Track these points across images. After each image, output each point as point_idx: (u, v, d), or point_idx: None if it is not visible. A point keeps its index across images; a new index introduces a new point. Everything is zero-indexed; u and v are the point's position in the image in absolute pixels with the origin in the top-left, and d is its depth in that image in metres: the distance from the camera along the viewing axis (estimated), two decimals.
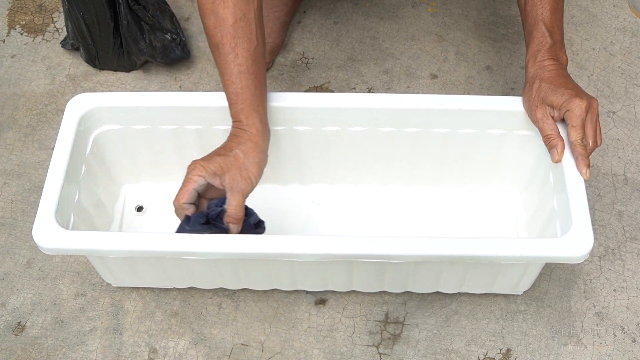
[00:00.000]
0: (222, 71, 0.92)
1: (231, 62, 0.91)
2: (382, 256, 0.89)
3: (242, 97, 0.92)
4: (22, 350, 1.02)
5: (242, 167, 0.90)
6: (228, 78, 0.92)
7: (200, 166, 0.89)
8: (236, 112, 0.92)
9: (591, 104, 0.92)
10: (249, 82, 0.92)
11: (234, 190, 0.89)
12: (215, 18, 0.91)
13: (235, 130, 0.93)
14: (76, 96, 1.01)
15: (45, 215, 0.90)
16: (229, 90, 0.92)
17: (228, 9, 0.90)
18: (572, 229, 0.88)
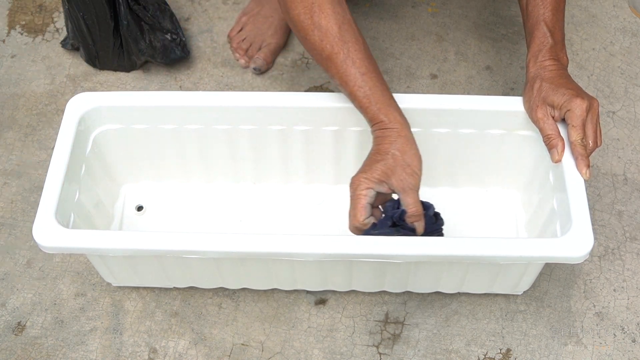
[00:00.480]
0: (344, 80, 0.90)
1: (350, 67, 0.90)
2: (382, 256, 0.89)
3: (374, 97, 0.90)
4: (22, 350, 1.02)
5: (404, 164, 0.88)
6: (353, 84, 0.90)
7: (364, 179, 0.88)
8: (374, 114, 0.90)
9: (592, 105, 0.92)
10: (374, 81, 0.90)
11: (406, 190, 0.88)
12: (319, 31, 0.89)
13: (379, 132, 0.90)
14: (76, 96, 1.01)
15: (45, 214, 0.90)
16: (358, 96, 0.90)
17: (329, 18, 0.89)
18: (572, 229, 0.88)
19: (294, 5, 0.89)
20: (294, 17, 0.90)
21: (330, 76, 0.93)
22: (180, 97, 1.02)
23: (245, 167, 1.10)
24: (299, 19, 0.90)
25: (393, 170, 0.88)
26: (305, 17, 0.89)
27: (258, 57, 1.28)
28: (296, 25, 0.90)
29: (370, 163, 0.89)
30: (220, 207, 1.12)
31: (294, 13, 0.90)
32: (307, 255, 0.89)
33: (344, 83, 0.91)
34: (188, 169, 1.11)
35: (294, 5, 0.89)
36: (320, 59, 0.91)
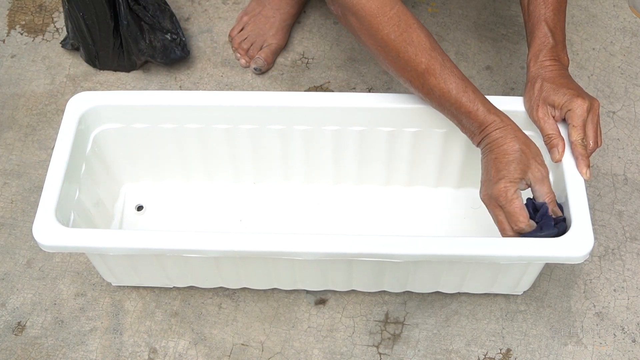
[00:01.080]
0: (446, 90, 0.89)
1: (449, 76, 0.89)
2: (382, 255, 0.89)
3: (479, 100, 0.90)
4: (22, 350, 1.02)
5: (533, 155, 0.89)
6: (457, 92, 0.89)
7: (509, 184, 0.87)
8: (485, 117, 0.89)
9: (592, 105, 0.92)
10: (471, 85, 0.91)
11: (543, 180, 0.89)
12: (412, 46, 0.88)
13: (496, 132, 0.89)
14: (76, 95, 1.01)
15: (45, 212, 0.90)
16: (464, 102, 0.89)
17: (419, 31, 0.89)
18: (573, 229, 0.88)
19: (381, 27, 0.87)
20: (383, 37, 0.88)
21: (424, 91, 0.91)
22: (180, 97, 1.02)
23: (245, 166, 1.10)
24: (390, 38, 0.88)
25: (528, 165, 0.88)
26: (396, 35, 0.88)
27: (259, 57, 1.28)
28: (387, 45, 0.88)
29: (502, 167, 0.88)
30: (220, 206, 1.12)
31: (383, 33, 0.88)
32: (307, 255, 0.89)
33: (446, 94, 0.89)
34: (188, 169, 1.11)
35: (381, 26, 0.87)
36: (415, 74, 0.89)
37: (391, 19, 0.87)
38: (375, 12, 0.87)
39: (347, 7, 0.88)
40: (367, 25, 0.88)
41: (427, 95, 0.91)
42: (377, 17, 0.87)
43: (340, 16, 0.91)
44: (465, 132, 0.93)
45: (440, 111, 0.93)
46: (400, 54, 0.88)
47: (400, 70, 0.90)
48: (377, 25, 0.87)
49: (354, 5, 0.87)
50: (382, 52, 0.89)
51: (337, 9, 0.90)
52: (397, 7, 0.88)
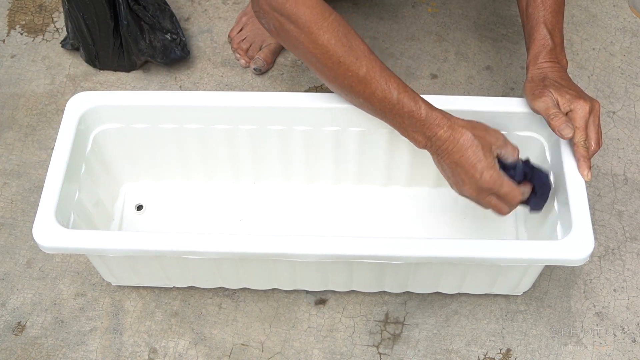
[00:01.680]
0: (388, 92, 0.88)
1: (390, 77, 0.89)
2: (383, 257, 0.89)
3: (419, 99, 0.90)
4: (22, 350, 1.02)
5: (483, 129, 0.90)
6: (398, 92, 0.88)
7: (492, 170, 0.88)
8: (428, 113, 0.89)
9: (594, 106, 0.93)
10: (408, 86, 0.90)
11: (504, 141, 0.91)
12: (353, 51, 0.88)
13: (443, 130, 0.89)
14: (76, 95, 1.01)
15: (45, 214, 0.90)
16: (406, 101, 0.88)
17: (357, 37, 0.89)
18: (573, 232, 0.88)
19: (322, 32, 0.87)
20: (324, 43, 0.87)
21: (365, 95, 0.90)
22: (180, 97, 1.02)
23: (245, 166, 1.10)
24: (331, 44, 0.87)
25: (488, 141, 0.89)
26: (336, 41, 0.87)
27: (258, 58, 1.28)
28: (329, 51, 0.87)
29: (474, 159, 0.88)
30: (220, 206, 1.12)
31: (324, 39, 0.87)
32: (308, 257, 0.89)
33: (388, 94, 0.89)
34: (188, 168, 1.11)
35: (322, 32, 0.87)
36: (357, 79, 0.88)
37: (331, 25, 0.87)
38: (315, 19, 0.86)
39: (286, 15, 0.87)
40: (308, 32, 0.87)
41: (368, 99, 0.90)
42: (317, 23, 0.86)
43: (277, 27, 0.89)
44: (407, 135, 0.92)
45: (380, 116, 0.92)
46: (341, 59, 0.87)
47: (341, 77, 0.89)
48: (318, 31, 0.86)
49: (294, 13, 0.86)
50: (322, 59, 0.88)
51: (274, 19, 0.88)
52: (334, 14, 0.88)
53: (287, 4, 0.86)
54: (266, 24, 0.91)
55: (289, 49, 0.92)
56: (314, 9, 0.86)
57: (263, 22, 0.91)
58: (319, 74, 0.91)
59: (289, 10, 0.86)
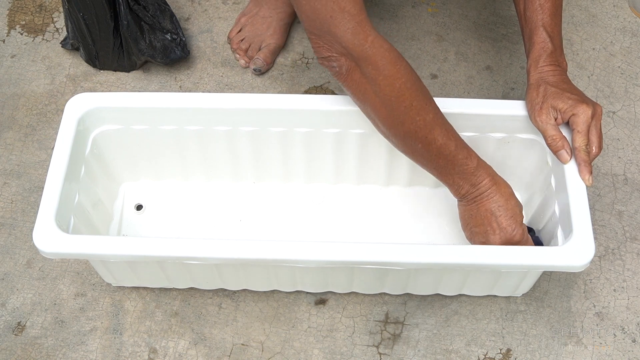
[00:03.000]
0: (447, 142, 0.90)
1: (450, 127, 0.91)
2: (384, 263, 0.89)
3: (472, 154, 0.93)
4: (22, 350, 1.02)
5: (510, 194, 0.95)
6: (456, 147, 0.91)
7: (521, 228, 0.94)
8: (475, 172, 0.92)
9: (596, 111, 0.93)
10: (462, 140, 0.93)
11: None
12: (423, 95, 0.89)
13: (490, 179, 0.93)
14: (75, 96, 1.01)
15: (45, 218, 0.90)
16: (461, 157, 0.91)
17: (422, 81, 0.90)
18: (573, 238, 0.89)
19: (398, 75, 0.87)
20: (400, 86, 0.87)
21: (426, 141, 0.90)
22: (180, 99, 1.02)
23: (245, 166, 1.10)
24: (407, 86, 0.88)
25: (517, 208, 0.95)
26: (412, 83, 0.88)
27: (258, 58, 1.28)
28: (403, 94, 0.87)
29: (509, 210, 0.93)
30: (220, 206, 1.12)
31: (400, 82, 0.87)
32: (309, 262, 0.90)
33: (446, 144, 0.90)
34: (188, 168, 1.11)
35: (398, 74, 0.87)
36: (424, 123, 0.89)
37: (405, 68, 0.88)
38: (394, 61, 0.87)
39: (363, 58, 0.87)
40: (386, 75, 0.87)
41: (429, 144, 0.90)
42: (396, 66, 0.87)
43: (350, 70, 0.88)
44: (451, 181, 0.93)
45: (431, 162, 0.93)
46: (414, 102, 0.88)
47: (409, 121, 0.89)
48: (396, 74, 0.87)
49: (373, 54, 0.86)
50: (395, 102, 0.88)
51: (348, 62, 0.88)
52: (405, 59, 0.89)
53: (366, 45, 0.86)
54: (338, 67, 0.89)
55: (356, 94, 0.91)
56: (391, 52, 0.87)
57: (334, 66, 0.89)
58: (385, 119, 0.91)
59: (368, 52, 0.86)
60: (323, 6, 0.85)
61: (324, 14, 0.85)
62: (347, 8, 0.85)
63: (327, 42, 0.87)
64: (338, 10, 0.85)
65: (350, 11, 0.85)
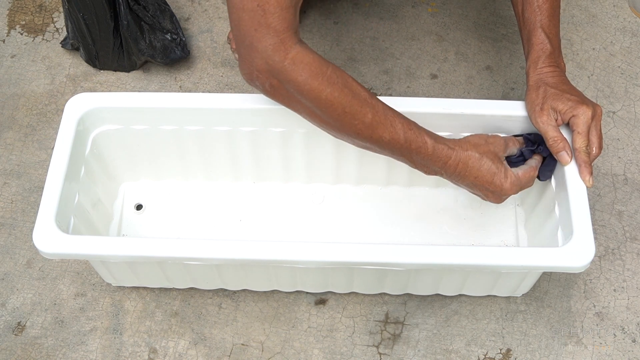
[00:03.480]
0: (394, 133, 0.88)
1: (393, 118, 0.89)
2: (384, 264, 0.89)
3: (424, 132, 0.91)
4: (22, 350, 1.02)
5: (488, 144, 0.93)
6: (404, 131, 0.89)
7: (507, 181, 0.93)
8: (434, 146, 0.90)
9: (596, 111, 0.93)
10: (410, 120, 0.91)
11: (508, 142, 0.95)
12: (356, 99, 0.87)
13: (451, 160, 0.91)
14: (75, 96, 1.01)
15: (45, 218, 0.90)
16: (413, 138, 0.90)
17: (356, 82, 0.89)
18: (574, 239, 0.89)
19: (323, 86, 0.85)
20: (327, 96, 0.86)
21: (373, 140, 0.89)
22: (180, 99, 1.01)
23: (245, 166, 1.10)
24: (334, 96, 0.86)
25: (494, 152, 0.93)
26: (339, 92, 0.86)
27: None
28: (333, 104, 0.86)
29: (485, 176, 0.92)
30: (220, 206, 1.12)
31: (327, 92, 0.86)
32: (309, 263, 0.90)
33: (395, 136, 0.89)
34: (188, 168, 1.11)
35: (323, 86, 0.85)
36: (363, 125, 0.88)
37: (330, 77, 0.86)
38: (315, 74, 0.85)
39: (284, 74, 0.85)
40: (309, 89, 0.85)
41: (377, 142, 0.90)
42: (318, 78, 0.85)
43: (275, 86, 0.87)
44: (416, 167, 0.93)
45: (389, 155, 0.92)
46: (346, 109, 0.87)
47: (347, 126, 0.88)
48: (319, 86, 0.85)
49: (293, 71, 0.85)
50: (327, 112, 0.87)
51: (271, 80, 0.86)
52: (331, 66, 0.87)
53: (286, 62, 0.84)
54: (260, 86, 0.88)
55: (288, 107, 0.90)
56: (312, 64, 0.85)
57: (257, 84, 0.88)
58: (324, 125, 0.90)
59: (287, 68, 0.85)
60: (250, 18, 0.83)
61: (248, 26, 0.83)
62: (274, 24, 0.83)
63: (248, 57, 0.85)
64: (264, 24, 0.83)
65: (276, 27, 0.83)
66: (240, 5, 0.83)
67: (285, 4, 0.83)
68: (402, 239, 1.09)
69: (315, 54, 0.86)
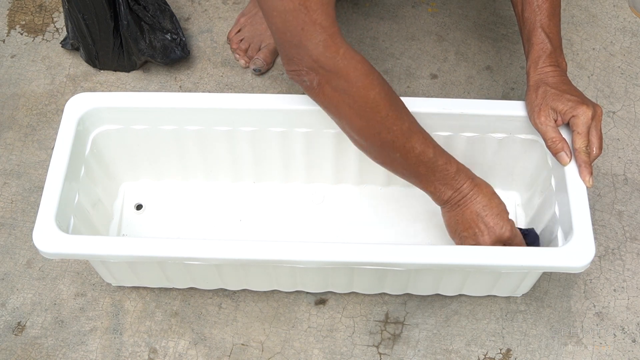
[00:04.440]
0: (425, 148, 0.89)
1: (427, 134, 0.90)
2: (384, 264, 0.89)
3: (452, 160, 0.92)
4: (22, 350, 1.02)
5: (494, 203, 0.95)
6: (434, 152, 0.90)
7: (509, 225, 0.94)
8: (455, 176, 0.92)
9: (596, 112, 0.93)
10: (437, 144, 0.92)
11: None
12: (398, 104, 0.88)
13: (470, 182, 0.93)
14: (75, 96, 1.01)
15: (45, 218, 0.90)
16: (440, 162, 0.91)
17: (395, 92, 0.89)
18: (574, 239, 0.89)
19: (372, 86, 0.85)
20: (374, 97, 0.85)
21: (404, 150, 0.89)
22: (180, 99, 1.02)
23: (245, 166, 1.10)
24: (381, 96, 0.86)
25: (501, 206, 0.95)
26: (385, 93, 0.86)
27: (257, 58, 1.28)
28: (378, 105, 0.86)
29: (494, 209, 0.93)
30: (220, 206, 1.12)
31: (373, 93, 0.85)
32: (309, 263, 0.90)
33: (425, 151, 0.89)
34: (188, 168, 1.11)
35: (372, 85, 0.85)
36: (401, 132, 0.88)
37: (378, 79, 0.87)
38: (366, 73, 0.86)
39: (335, 70, 0.85)
40: (360, 86, 0.85)
41: (407, 153, 0.89)
42: (369, 77, 0.86)
43: (321, 83, 0.87)
44: (432, 188, 0.93)
45: (411, 170, 0.92)
46: (390, 112, 0.87)
47: (385, 131, 0.88)
48: (370, 85, 0.85)
49: (345, 67, 0.85)
50: (370, 113, 0.87)
51: (320, 76, 0.86)
52: (377, 71, 0.88)
53: (338, 57, 0.84)
54: (309, 82, 0.87)
55: (329, 108, 0.89)
56: (363, 63, 0.86)
57: (305, 81, 0.87)
58: (361, 130, 0.89)
59: (340, 64, 0.85)
60: (295, 18, 0.83)
61: (295, 26, 0.83)
62: (319, 20, 0.83)
63: (297, 55, 0.85)
64: (310, 22, 0.83)
65: (322, 24, 0.83)
66: (281, 7, 0.82)
67: (325, 0, 0.83)
68: (402, 239, 1.09)
69: (360, 54, 0.87)
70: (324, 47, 0.84)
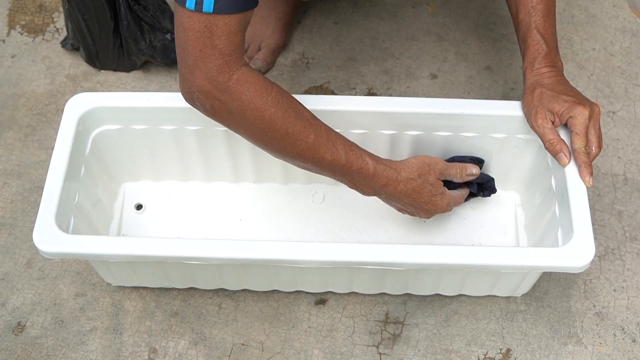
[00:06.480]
0: (337, 154, 0.89)
1: (335, 140, 0.90)
2: (384, 263, 0.89)
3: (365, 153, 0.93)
4: (22, 350, 1.02)
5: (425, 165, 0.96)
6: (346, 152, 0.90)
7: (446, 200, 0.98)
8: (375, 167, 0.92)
9: (593, 111, 0.93)
10: (351, 142, 0.92)
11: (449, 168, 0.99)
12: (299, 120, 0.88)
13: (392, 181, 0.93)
14: (75, 96, 1.01)
15: (45, 218, 0.90)
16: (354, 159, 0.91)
17: (299, 104, 0.89)
18: (574, 239, 0.89)
19: (267, 106, 0.85)
20: (271, 117, 0.85)
21: (315, 161, 0.90)
22: (180, 99, 1.01)
23: (245, 166, 1.10)
24: (277, 116, 0.86)
25: (434, 172, 0.97)
26: (282, 113, 0.86)
27: (257, 58, 1.28)
28: (275, 125, 0.86)
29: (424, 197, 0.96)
30: (220, 206, 1.12)
31: (270, 112, 0.85)
32: (309, 263, 0.90)
33: (337, 157, 0.90)
34: (188, 168, 1.11)
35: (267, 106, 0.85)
36: (306, 146, 0.88)
37: (275, 98, 0.86)
38: (260, 94, 0.85)
39: (229, 93, 0.84)
40: (254, 108, 0.85)
41: (318, 163, 0.90)
42: (262, 98, 0.85)
43: (217, 107, 0.86)
44: (355, 187, 0.94)
45: (330, 175, 0.93)
46: (289, 129, 0.87)
47: (289, 147, 0.88)
48: (264, 106, 0.85)
49: (238, 91, 0.84)
50: (269, 132, 0.87)
51: (214, 100, 0.85)
52: (275, 86, 0.87)
53: (230, 82, 0.83)
54: (201, 107, 0.87)
55: (230, 127, 0.89)
56: (257, 84, 0.85)
57: (197, 105, 0.87)
58: (266, 146, 0.90)
59: (232, 88, 0.84)
60: (197, 39, 0.81)
61: (194, 46, 0.82)
62: (220, 46, 0.82)
63: (190, 77, 0.84)
64: (210, 46, 0.82)
65: (222, 50, 0.82)
66: (188, 24, 0.81)
67: (234, 29, 0.82)
68: (402, 239, 1.09)
69: (260, 75, 0.86)
70: (217, 72, 0.83)
